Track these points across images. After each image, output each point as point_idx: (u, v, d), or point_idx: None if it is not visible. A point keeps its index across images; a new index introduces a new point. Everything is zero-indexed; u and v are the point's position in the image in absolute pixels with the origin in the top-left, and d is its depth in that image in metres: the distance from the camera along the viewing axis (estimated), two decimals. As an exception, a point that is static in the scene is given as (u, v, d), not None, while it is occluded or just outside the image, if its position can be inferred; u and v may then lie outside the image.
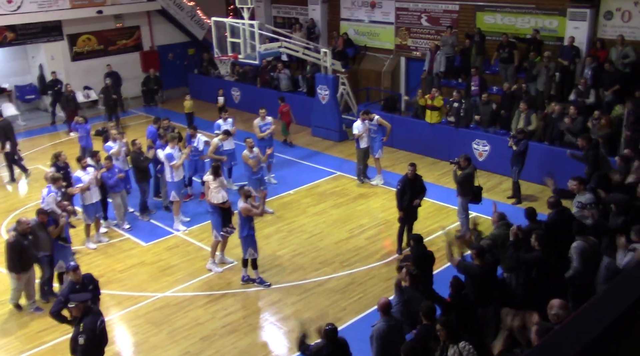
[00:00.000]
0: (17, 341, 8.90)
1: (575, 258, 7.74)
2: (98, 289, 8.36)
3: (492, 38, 16.80)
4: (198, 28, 22.99)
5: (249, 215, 9.66)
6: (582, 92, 13.76)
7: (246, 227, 9.74)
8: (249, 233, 9.78)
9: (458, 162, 10.84)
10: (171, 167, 11.90)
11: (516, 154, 12.34)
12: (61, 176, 11.02)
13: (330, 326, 6.53)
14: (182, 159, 12.13)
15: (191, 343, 8.75)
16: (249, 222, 9.76)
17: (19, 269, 9.21)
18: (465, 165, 10.79)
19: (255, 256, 9.99)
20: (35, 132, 19.12)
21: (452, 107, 15.05)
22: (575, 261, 7.74)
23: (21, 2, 18.87)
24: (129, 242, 11.81)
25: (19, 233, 9.14)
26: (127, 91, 21.20)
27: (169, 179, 12.07)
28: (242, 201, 9.66)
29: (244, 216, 9.65)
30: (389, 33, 19.42)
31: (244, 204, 9.60)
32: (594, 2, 14.82)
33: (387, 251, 11.17)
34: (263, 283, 10.09)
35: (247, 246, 9.85)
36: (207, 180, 10.45)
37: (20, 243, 9.10)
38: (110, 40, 21.57)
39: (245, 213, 9.61)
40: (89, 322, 6.97)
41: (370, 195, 13.59)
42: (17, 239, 9.11)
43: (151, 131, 13.63)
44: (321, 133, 17.55)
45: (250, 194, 9.85)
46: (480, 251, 7.60)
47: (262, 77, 19.89)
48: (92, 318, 7.02)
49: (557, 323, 5.87)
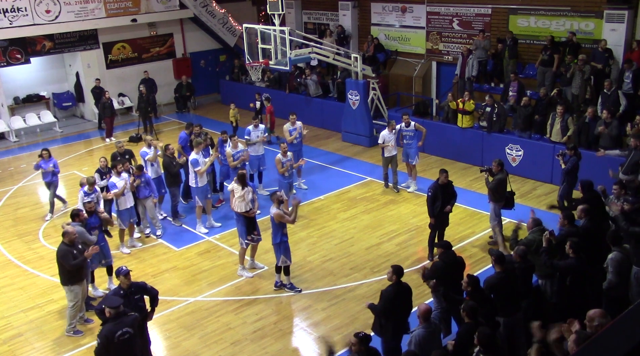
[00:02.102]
0: (53, 343, 9.08)
1: (612, 270, 7.58)
2: (155, 300, 8.03)
3: (525, 41, 16.55)
4: (230, 35, 23.25)
5: (281, 222, 9.64)
6: (609, 95, 13.45)
7: (279, 234, 9.70)
8: (282, 240, 9.73)
9: (489, 169, 10.68)
10: (195, 172, 12.01)
11: (564, 173, 11.52)
12: (93, 180, 11.20)
13: (363, 333, 6.48)
14: (207, 166, 12.18)
15: (222, 347, 8.81)
16: (282, 229, 9.70)
17: (72, 281, 8.89)
18: (498, 170, 10.64)
19: (287, 264, 9.96)
20: (72, 138, 19.57)
21: (484, 111, 14.87)
22: (611, 274, 7.58)
23: (59, 12, 19.38)
24: (162, 247, 11.97)
25: (66, 244, 8.78)
26: (160, 97, 21.58)
27: (193, 184, 12.17)
28: (274, 207, 9.61)
29: (277, 222, 9.64)
30: (420, 37, 19.31)
31: (277, 211, 9.55)
32: (632, 4, 14.47)
33: (419, 257, 11.07)
34: (294, 289, 10.10)
35: (280, 254, 9.81)
36: (232, 189, 10.36)
37: (70, 253, 8.74)
38: (144, 47, 21.99)
39: (277, 220, 9.57)
40: (107, 330, 6.84)
41: (401, 201, 13.50)
42: (65, 249, 8.74)
43: (182, 137, 13.80)
44: (351, 138, 17.53)
45: (283, 200, 9.80)
46: (499, 257, 7.51)
47: (290, 83, 20.02)
48: (113, 326, 6.85)
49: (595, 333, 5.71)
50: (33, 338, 9.24)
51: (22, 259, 11.70)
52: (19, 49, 19.03)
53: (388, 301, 7.38)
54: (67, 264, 8.70)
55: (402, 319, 7.60)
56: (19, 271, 11.28)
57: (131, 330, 6.99)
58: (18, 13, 18.69)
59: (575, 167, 11.35)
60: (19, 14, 18.70)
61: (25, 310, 9.98)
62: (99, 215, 10.01)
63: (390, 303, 7.38)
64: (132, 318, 7.10)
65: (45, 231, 12.78)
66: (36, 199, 14.71)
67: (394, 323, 7.46)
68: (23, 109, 20.34)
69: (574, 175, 11.37)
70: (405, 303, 7.59)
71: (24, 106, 20.37)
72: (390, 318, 7.44)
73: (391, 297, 7.38)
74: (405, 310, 7.63)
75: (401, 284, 7.53)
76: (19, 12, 18.69)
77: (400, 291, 7.47)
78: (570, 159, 11.32)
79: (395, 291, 7.42)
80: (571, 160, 11.31)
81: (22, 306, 10.08)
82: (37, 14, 19.02)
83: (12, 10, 18.57)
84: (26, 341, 9.18)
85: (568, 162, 11.33)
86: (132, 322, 7.07)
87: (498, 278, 7.40)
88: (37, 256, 11.69)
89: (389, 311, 7.42)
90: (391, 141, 13.44)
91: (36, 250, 11.97)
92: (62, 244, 8.84)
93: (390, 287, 7.47)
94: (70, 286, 8.92)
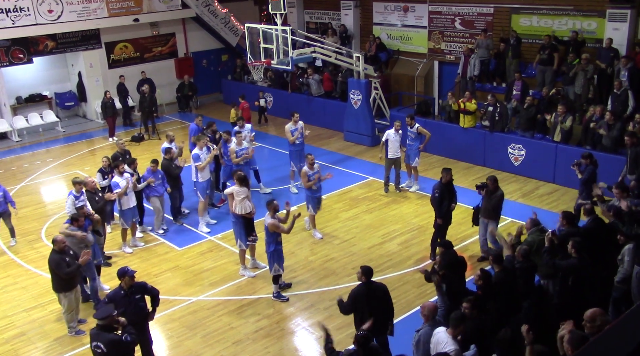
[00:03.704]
0: (56, 343, 9.10)
1: (628, 259, 7.58)
2: (156, 300, 7.99)
3: (528, 41, 16.53)
4: (232, 34, 23.26)
5: (276, 231, 9.51)
6: (619, 95, 13.40)
7: (273, 242, 9.55)
8: (275, 248, 9.59)
9: (485, 185, 10.14)
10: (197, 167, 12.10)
11: (582, 183, 10.91)
12: (83, 180, 10.93)
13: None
14: (207, 162, 12.25)
15: (224, 347, 8.82)
16: (276, 237, 9.56)
17: (66, 288, 8.90)
18: (494, 187, 10.11)
19: (280, 272, 9.80)
20: (74, 138, 19.61)
21: (486, 111, 14.85)
22: (627, 263, 7.58)
23: (61, 11, 19.41)
24: (164, 246, 11.99)
25: (57, 251, 8.75)
26: (162, 97, 21.60)
27: (194, 179, 12.25)
28: (269, 216, 9.45)
29: (270, 232, 9.50)
30: (422, 37, 19.29)
31: (272, 220, 9.39)
32: (634, 3, 14.43)
33: (421, 256, 11.06)
34: (280, 297, 9.90)
35: (274, 262, 9.68)
36: (232, 191, 10.25)
37: (63, 261, 8.71)
38: (146, 47, 22.02)
39: (272, 230, 9.43)
40: (90, 333, 6.82)
41: (403, 200, 13.49)
42: (57, 258, 8.73)
43: (193, 129, 14.10)
44: (353, 138, 17.52)
45: (279, 209, 9.64)
46: (497, 257, 7.52)
47: (292, 82, 20.03)
48: (94, 333, 6.75)
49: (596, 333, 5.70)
50: (35, 337, 9.26)
51: (25, 258, 11.73)
52: (21, 48, 19.07)
53: (354, 300, 7.37)
54: (62, 273, 8.69)
55: (380, 319, 7.32)
56: (21, 270, 11.32)
57: (104, 348, 6.63)
58: (20, 13, 18.72)
59: (593, 176, 10.76)
60: (21, 13, 18.73)
61: (28, 309, 10.01)
62: (90, 217, 10.00)
63: (358, 302, 7.33)
64: (110, 338, 6.69)
65: (47, 230, 12.81)
66: (39, 199, 14.74)
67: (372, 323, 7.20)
68: (25, 108, 20.38)
69: (592, 185, 10.62)
70: (380, 303, 7.44)
71: (27, 105, 20.40)
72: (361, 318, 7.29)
73: (359, 296, 7.34)
74: (382, 310, 7.48)
75: (372, 284, 7.46)
76: (21, 12, 18.72)
77: (371, 291, 7.39)
78: (587, 168, 10.78)
79: (364, 290, 7.37)
80: (588, 169, 10.76)
81: (25, 306, 10.11)
82: (40, 14, 19.05)
83: (15, 10, 18.60)
84: (28, 340, 9.20)
85: (585, 172, 10.80)
86: (108, 342, 6.66)
87: (497, 277, 7.40)
88: (40, 255, 11.70)
89: (357, 311, 7.37)
90: (396, 141, 13.38)
91: (39, 250, 12.00)
92: (53, 252, 8.78)
93: (359, 287, 7.44)
94: (65, 293, 8.92)
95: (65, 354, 8.86)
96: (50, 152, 18.26)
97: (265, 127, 19.35)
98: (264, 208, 9.85)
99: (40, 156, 17.91)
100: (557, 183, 13.65)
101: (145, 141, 18.60)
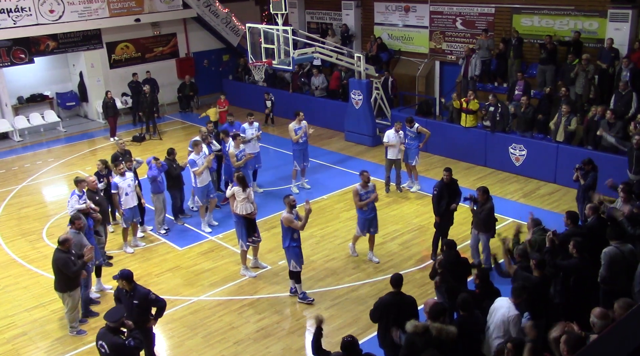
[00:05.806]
0: (57, 342, 9.11)
1: (603, 263, 7.58)
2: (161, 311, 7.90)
3: (530, 41, 16.52)
4: (233, 35, 23.27)
5: (290, 226, 9.45)
6: (623, 95, 13.38)
7: (288, 238, 9.46)
8: (290, 244, 9.49)
9: (473, 198, 9.85)
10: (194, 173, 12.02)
11: (583, 189, 10.70)
12: (84, 178, 10.90)
13: (349, 338, 6.20)
14: (203, 167, 12.10)
15: (225, 346, 8.82)
16: (291, 233, 9.44)
17: (71, 287, 8.90)
18: (484, 199, 9.77)
19: (297, 269, 9.66)
20: (75, 138, 19.62)
21: (487, 111, 14.84)
22: (602, 267, 7.57)
23: (62, 11, 19.42)
24: (165, 246, 11.99)
25: (63, 251, 8.72)
26: (163, 97, 21.61)
27: (193, 184, 12.22)
28: (286, 211, 9.41)
29: (285, 226, 9.46)
30: (423, 37, 19.28)
31: (287, 215, 9.34)
32: (636, 3, 14.43)
33: (422, 256, 11.06)
34: (306, 299, 9.82)
35: (290, 258, 9.61)
36: (233, 192, 10.20)
37: (69, 259, 8.69)
38: (147, 47, 22.02)
39: (286, 224, 9.37)
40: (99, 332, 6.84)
41: (404, 200, 13.49)
42: (65, 257, 8.69)
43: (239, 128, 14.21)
44: (354, 138, 17.52)
45: (295, 204, 9.53)
46: (540, 262, 7.31)
47: (293, 82, 20.03)
48: (101, 333, 6.78)
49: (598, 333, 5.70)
50: (37, 337, 9.27)
51: (26, 258, 11.73)
52: (22, 48, 19.08)
53: (379, 308, 7.20)
54: (70, 272, 8.67)
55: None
56: (22, 270, 11.32)
57: (108, 349, 6.61)
58: (22, 13, 18.73)
59: (594, 182, 10.57)
60: (22, 13, 18.74)
61: (29, 309, 10.02)
62: (92, 215, 10.00)
63: (383, 310, 7.16)
64: (114, 340, 6.64)
65: (49, 230, 12.82)
66: (40, 199, 14.75)
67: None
68: (27, 108, 20.39)
69: (593, 191, 10.48)
70: (405, 315, 6.96)
71: (28, 105, 20.41)
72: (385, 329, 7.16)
73: (384, 305, 7.17)
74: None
75: (402, 295, 7.25)
76: (22, 12, 18.73)
77: (398, 301, 7.18)
78: (591, 174, 10.57)
79: (391, 300, 7.17)
80: (591, 175, 10.55)
81: (26, 305, 10.11)
82: (41, 14, 19.06)
83: (16, 10, 18.61)
84: (30, 340, 9.21)
85: (588, 178, 10.58)
86: (112, 345, 6.62)
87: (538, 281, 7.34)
88: (41, 255, 11.72)
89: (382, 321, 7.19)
90: (396, 141, 13.38)
91: (40, 249, 12.01)
92: (58, 251, 8.73)
93: (387, 295, 7.25)
94: (69, 292, 8.91)
95: (66, 354, 8.85)
96: (52, 152, 18.28)
97: (266, 127, 19.33)
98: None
99: (42, 156, 17.93)
100: (558, 183, 13.64)
101: (146, 141, 18.61)
